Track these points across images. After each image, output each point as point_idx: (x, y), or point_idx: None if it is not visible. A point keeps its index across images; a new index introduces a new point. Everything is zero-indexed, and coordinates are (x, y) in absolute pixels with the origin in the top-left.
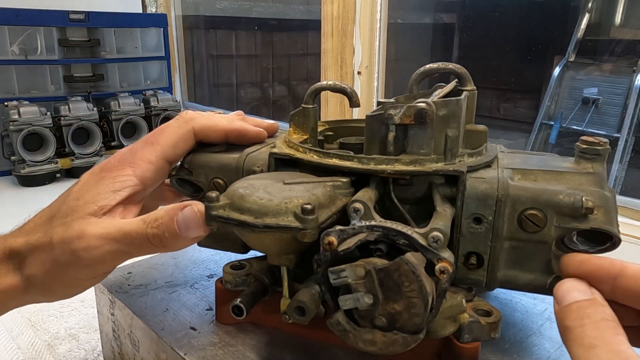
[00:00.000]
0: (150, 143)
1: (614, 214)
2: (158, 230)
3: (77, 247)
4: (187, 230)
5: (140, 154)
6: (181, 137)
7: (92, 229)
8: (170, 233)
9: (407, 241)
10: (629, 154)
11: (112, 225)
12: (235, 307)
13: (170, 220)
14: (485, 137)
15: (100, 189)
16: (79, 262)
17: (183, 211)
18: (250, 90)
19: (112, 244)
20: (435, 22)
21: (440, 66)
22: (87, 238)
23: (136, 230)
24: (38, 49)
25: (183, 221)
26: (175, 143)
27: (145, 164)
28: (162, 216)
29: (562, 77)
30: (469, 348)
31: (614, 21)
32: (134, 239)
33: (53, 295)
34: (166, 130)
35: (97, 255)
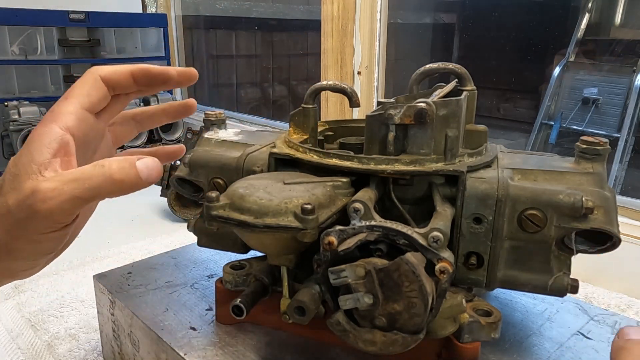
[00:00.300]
0: (65, 98)
1: (614, 214)
2: (119, 174)
3: (34, 201)
4: (149, 174)
5: (57, 109)
6: (91, 85)
7: (45, 184)
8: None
9: (407, 241)
10: (629, 154)
11: (65, 176)
12: (235, 307)
13: (131, 166)
14: (485, 137)
15: (32, 147)
16: (37, 214)
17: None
18: (250, 90)
19: (67, 192)
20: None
21: (440, 66)
22: (41, 192)
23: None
24: (38, 49)
25: (145, 167)
26: (87, 92)
27: (65, 115)
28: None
29: (562, 77)
30: (469, 348)
31: (614, 21)
32: (92, 181)
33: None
34: (76, 85)
35: (55, 204)
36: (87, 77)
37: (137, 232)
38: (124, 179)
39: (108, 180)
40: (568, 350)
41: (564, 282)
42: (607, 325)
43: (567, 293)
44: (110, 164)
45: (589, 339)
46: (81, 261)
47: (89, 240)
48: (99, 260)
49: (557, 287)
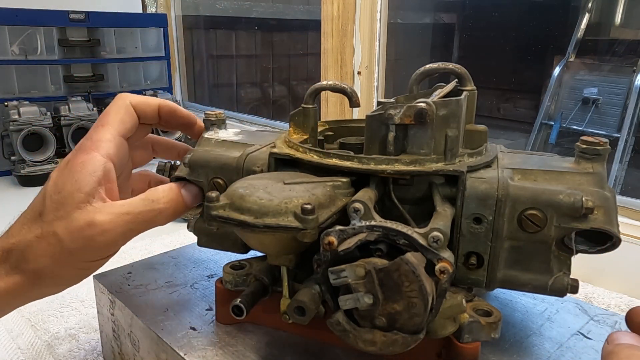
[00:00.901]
0: (102, 125)
1: (614, 214)
2: (168, 205)
3: (91, 234)
4: (194, 200)
5: (96, 137)
6: (124, 112)
7: (100, 216)
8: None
9: (407, 241)
10: (629, 154)
11: (119, 210)
12: (235, 307)
13: (178, 196)
14: (485, 137)
15: (77, 177)
16: (93, 245)
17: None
18: (250, 90)
19: (124, 225)
20: (435, 22)
21: (440, 66)
22: (99, 225)
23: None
24: (38, 49)
25: (188, 195)
26: (122, 118)
27: (105, 142)
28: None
29: (562, 77)
30: (469, 348)
31: (614, 21)
32: (145, 216)
33: (64, 281)
34: (110, 111)
35: (112, 237)
36: (119, 103)
37: None
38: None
39: (162, 214)
40: (568, 350)
41: (564, 282)
42: (607, 325)
43: (567, 293)
44: (159, 198)
45: (589, 339)
46: None
47: None
48: None
49: (557, 287)
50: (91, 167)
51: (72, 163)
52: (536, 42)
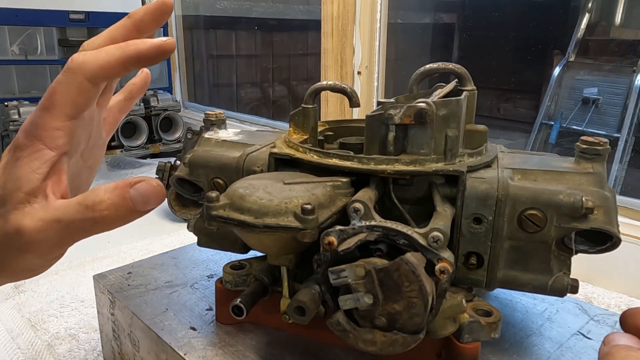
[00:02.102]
0: (47, 108)
1: (614, 214)
2: (108, 211)
3: (19, 242)
4: (145, 203)
5: (41, 122)
6: (76, 91)
7: (28, 222)
8: (124, 210)
9: (407, 241)
10: (629, 154)
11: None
12: (235, 307)
13: (122, 199)
14: (485, 137)
15: (19, 173)
16: (24, 254)
17: (137, 187)
18: (250, 90)
19: (54, 235)
20: (435, 22)
21: (440, 66)
22: (26, 234)
23: (79, 219)
24: (38, 49)
25: (139, 196)
26: (73, 101)
27: (52, 131)
28: (108, 197)
29: (562, 77)
30: (469, 348)
31: (614, 21)
32: (77, 226)
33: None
34: (57, 90)
35: (43, 247)
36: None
37: (137, 232)
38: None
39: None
40: (568, 350)
41: (564, 282)
42: (607, 325)
43: (567, 293)
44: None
45: (589, 339)
46: (81, 261)
47: (89, 240)
48: (99, 260)
49: (557, 287)
50: (36, 164)
51: (18, 153)
52: (536, 42)
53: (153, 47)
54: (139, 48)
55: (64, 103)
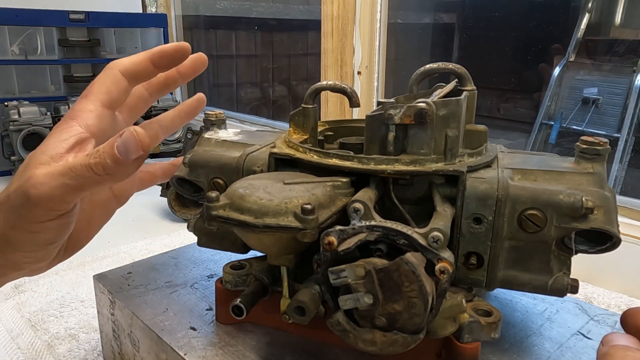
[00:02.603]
0: (85, 96)
1: (614, 214)
2: (100, 158)
3: (26, 187)
4: (127, 153)
5: (78, 107)
6: (110, 81)
7: (40, 170)
8: (111, 159)
9: (407, 241)
10: (629, 154)
11: (58, 163)
12: (235, 307)
13: (110, 147)
14: (485, 137)
15: (50, 141)
16: (29, 201)
17: (122, 136)
18: (250, 90)
19: (57, 178)
20: (435, 22)
21: (440, 66)
22: (35, 177)
23: (79, 163)
24: (38, 49)
25: (122, 145)
26: (107, 89)
27: (85, 113)
28: (102, 147)
29: (562, 77)
30: (469, 348)
31: (614, 21)
32: (78, 170)
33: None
34: (95, 81)
35: (45, 191)
36: (106, 72)
37: (137, 232)
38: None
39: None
40: (568, 350)
41: (564, 282)
42: (607, 325)
43: (567, 293)
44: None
45: (589, 339)
46: (81, 261)
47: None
48: (98, 260)
49: (557, 287)
50: (65, 135)
51: (51, 132)
52: (536, 42)
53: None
54: (161, 47)
55: (98, 90)
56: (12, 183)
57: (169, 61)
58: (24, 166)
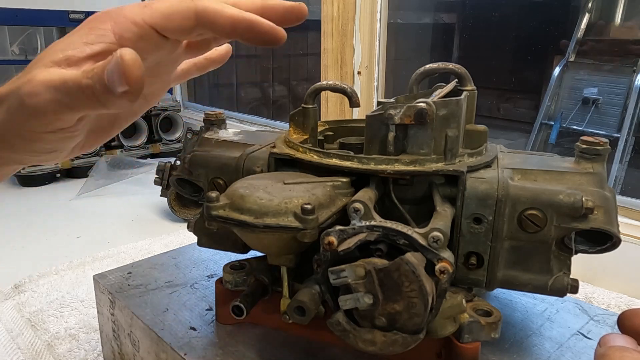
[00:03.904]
0: (143, 5)
1: (614, 214)
2: (91, 80)
3: (23, 93)
4: (112, 82)
5: (126, 11)
6: (180, 11)
7: (41, 75)
8: (100, 85)
9: (407, 241)
10: (629, 154)
11: (57, 73)
12: (235, 307)
13: (102, 69)
14: (485, 137)
15: (74, 38)
16: (24, 108)
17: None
18: (250, 90)
19: (52, 91)
20: (435, 22)
21: (440, 66)
22: (32, 83)
23: (73, 79)
24: (38, 49)
25: (109, 71)
26: (171, 15)
27: (129, 23)
28: (97, 66)
29: (562, 77)
30: (469, 348)
31: (614, 21)
32: (71, 88)
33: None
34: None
35: (39, 102)
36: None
37: (137, 232)
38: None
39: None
40: (568, 350)
41: (564, 282)
42: (607, 325)
43: (567, 293)
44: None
45: (589, 339)
46: (81, 261)
47: (89, 240)
48: (99, 260)
49: (557, 287)
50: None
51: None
52: (536, 42)
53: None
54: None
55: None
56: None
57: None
58: (35, 60)
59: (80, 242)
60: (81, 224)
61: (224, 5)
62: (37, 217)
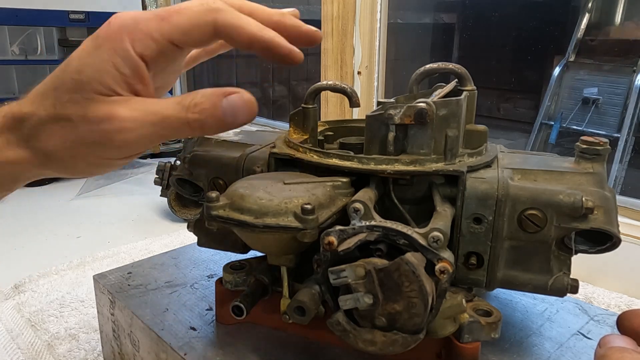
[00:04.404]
0: (160, 18)
1: (614, 214)
2: (200, 115)
3: (109, 129)
4: (234, 117)
5: (143, 25)
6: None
7: (122, 111)
8: (213, 119)
9: (407, 241)
10: (629, 154)
11: (146, 108)
12: (235, 307)
13: (214, 107)
14: (485, 137)
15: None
16: (110, 143)
17: (229, 98)
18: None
19: (148, 127)
20: (435, 22)
21: (440, 66)
22: (119, 120)
23: (175, 115)
24: (38, 49)
25: (230, 108)
26: (189, 30)
27: (148, 39)
28: (202, 102)
29: (562, 77)
30: (469, 348)
31: (614, 21)
32: (172, 123)
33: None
34: (183, 11)
35: (132, 138)
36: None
37: (137, 232)
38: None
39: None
40: (568, 350)
41: (564, 282)
42: (607, 325)
43: (567, 293)
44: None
45: (589, 339)
46: (81, 261)
47: (89, 240)
48: (99, 260)
49: (557, 287)
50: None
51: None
52: (536, 42)
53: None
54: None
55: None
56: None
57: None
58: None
59: (80, 242)
60: (81, 224)
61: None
62: (37, 217)
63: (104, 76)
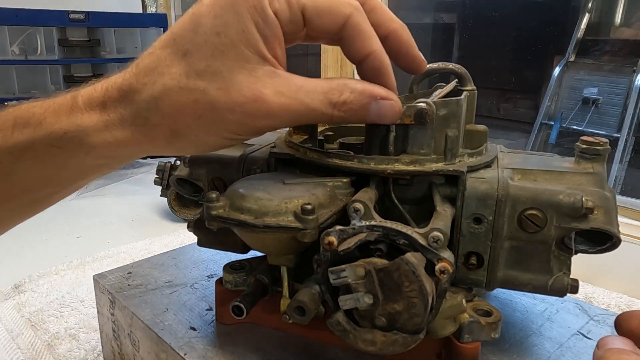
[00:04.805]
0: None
1: (614, 214)
2: (345, 114)
3: (253, 112)
4: (377, 120)
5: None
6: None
7: (269, 93)
8: (356, 119)
9: (407, 241)
10: (629, 154)
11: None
12: (235, 307)
13: (362, 109)
14: (485, 137)
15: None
16: (251, 125)
17: (380, 103)
18: None
19: (292, 115)
20: (435, 22)
21: (440, 66)
22: (266, 104)
23: (321, 110)
24: (38, 49)
25: (377, 113)
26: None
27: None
28: (352, 102)
29: (562, 77)
30: (469, 348)
31: (614, 21)
32: (316, 116)
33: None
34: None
35: (275, 123)
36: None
37: (137, 232)
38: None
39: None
40: (568, 350)
41: (564, 282)
42: (607, 325)
43: (567, 293)
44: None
45: (589, 339)
46: (81, 261)
47: (89, 240)
48: (99, 260)
49: (557, 287)
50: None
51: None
52: (536, 42)
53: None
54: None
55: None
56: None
57: None
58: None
59: (80, 242)
60: (81, 224)
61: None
62: (37, 217)
63: (250, 39)
